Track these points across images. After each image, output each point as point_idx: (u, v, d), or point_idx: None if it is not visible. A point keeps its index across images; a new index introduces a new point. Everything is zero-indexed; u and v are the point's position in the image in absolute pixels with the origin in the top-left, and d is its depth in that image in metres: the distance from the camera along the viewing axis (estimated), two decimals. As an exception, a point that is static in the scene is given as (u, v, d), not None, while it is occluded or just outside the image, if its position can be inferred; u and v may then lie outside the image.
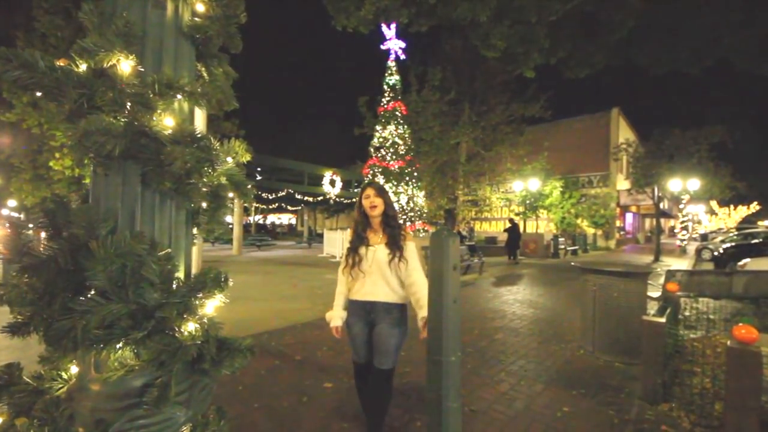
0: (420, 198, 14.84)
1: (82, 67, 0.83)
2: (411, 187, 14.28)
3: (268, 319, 5.32)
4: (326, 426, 2.55)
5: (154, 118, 0.86)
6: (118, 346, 0.79)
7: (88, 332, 0.74)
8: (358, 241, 2.09)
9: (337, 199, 27.39)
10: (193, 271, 1.06)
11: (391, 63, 14.72)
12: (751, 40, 9.63)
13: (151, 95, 0.85)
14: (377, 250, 2.05)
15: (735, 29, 9.66)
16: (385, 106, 14.50)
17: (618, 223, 23.51)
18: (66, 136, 0.79)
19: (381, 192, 2.08)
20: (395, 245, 2.06)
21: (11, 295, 0.79)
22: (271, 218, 51.49)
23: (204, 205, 1.02)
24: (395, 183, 13.98)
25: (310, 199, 28.50)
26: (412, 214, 14.24)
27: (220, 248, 21.34)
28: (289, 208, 36.28)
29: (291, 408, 2.79)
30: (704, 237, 25.11)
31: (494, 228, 25.09)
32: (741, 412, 2.31)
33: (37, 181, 12.02)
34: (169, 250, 0.91)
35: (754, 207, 41.24)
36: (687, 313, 4.87)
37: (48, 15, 10.04)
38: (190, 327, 0.88)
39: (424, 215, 14.96)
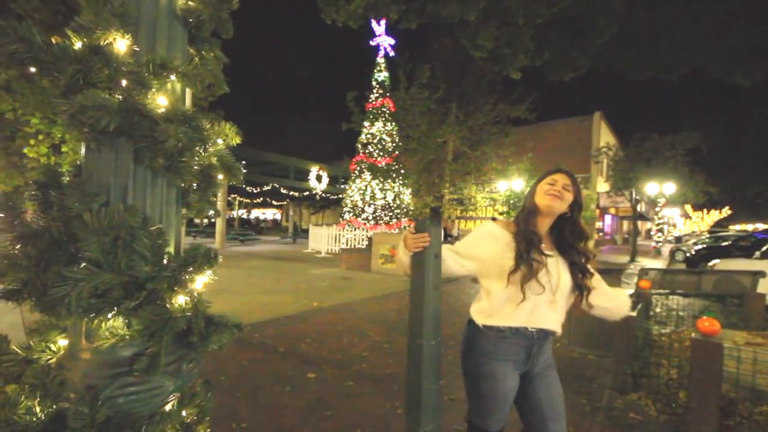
0: (406, 195, 14.95)
1: (77, 44, 0.85)
2: (398, 184, 14.38)
3: (250, 311, 5.31)
4: (309, 414, 2.59)
5: (149, 97, 0.89)
6: (110, 315, 0.82)
7: (81, 300, 0.77)
8: (533, 242, 1.34)
9: (324, 195, 27.26)
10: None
11: (380, 59, 14.78)
12: (725, 50, 10.10)
13: (146, 74, 0.87)
14: (560, 267, 1.38)
15: (711, 39, 10.10)
16: (374, 103, 14.54)
17: (597, 225, 24.17)
18: (59, 111, 0.81)
19: (575, 184, 1.47)
20: (581, 268, 1.39)
21: (1, 265, 0.81)
22: (256, 213, 50.90)
23: (195, 185, 1.05)
24: (382, 180, 14.06)
25: (296, 194, 28.31)
26: (398, 211, 14.35)
27: (203, 241, 20.95)
28: (274, 202, 35.90)
29: (274, 397, 2.83)
30: (678, 239, 26.11)
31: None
32: (702, 400, 2.45)
33: (10, 169, 11.58)
34: (161, 225, 0.94)
35: (726, 211, 43.07)
36: (658, 310, 5.09)
37: (25, -4, 9.66)
38: (180, 300, 0.91)
39: (410, 212, 15.08)
